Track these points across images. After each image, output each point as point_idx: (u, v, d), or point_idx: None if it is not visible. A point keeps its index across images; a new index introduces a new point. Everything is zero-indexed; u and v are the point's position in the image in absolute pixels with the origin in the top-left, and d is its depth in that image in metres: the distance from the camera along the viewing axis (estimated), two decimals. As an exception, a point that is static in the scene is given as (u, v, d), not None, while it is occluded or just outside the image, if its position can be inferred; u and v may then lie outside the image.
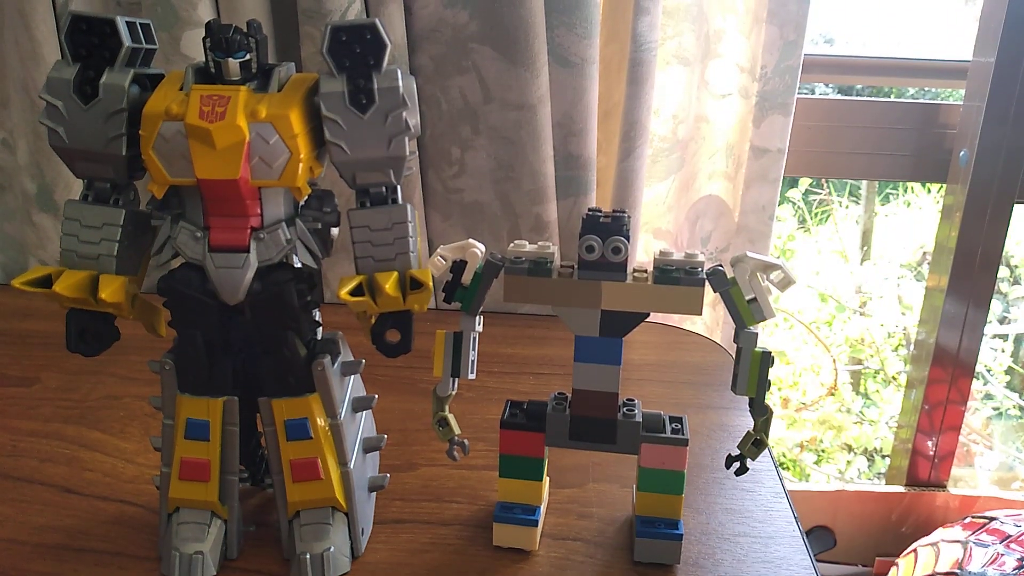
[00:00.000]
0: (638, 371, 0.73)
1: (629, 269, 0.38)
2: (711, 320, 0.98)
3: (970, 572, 0.95)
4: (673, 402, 0.68)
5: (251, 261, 0.40)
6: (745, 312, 0.37)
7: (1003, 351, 1.78)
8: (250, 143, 0.37)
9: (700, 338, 0.81)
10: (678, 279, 0.37)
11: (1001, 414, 1.75)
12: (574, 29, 0.74)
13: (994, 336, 1.78)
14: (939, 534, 1.05)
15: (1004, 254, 1.10)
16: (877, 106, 1.05)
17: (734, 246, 0.93)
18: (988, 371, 1.75)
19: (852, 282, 1.88)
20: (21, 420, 0.63)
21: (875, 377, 1.83)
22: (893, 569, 1.08)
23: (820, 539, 1.21)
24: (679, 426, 0.41)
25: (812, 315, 1.88)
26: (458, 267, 0.40)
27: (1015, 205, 1.03)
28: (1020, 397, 1.76)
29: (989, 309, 1.09)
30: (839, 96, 1.46)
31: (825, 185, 1.93)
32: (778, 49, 0.84)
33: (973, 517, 1.05)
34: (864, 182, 1.92)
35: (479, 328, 0.41)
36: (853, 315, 1.86)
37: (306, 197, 0.40)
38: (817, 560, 0.48)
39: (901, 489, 1.20)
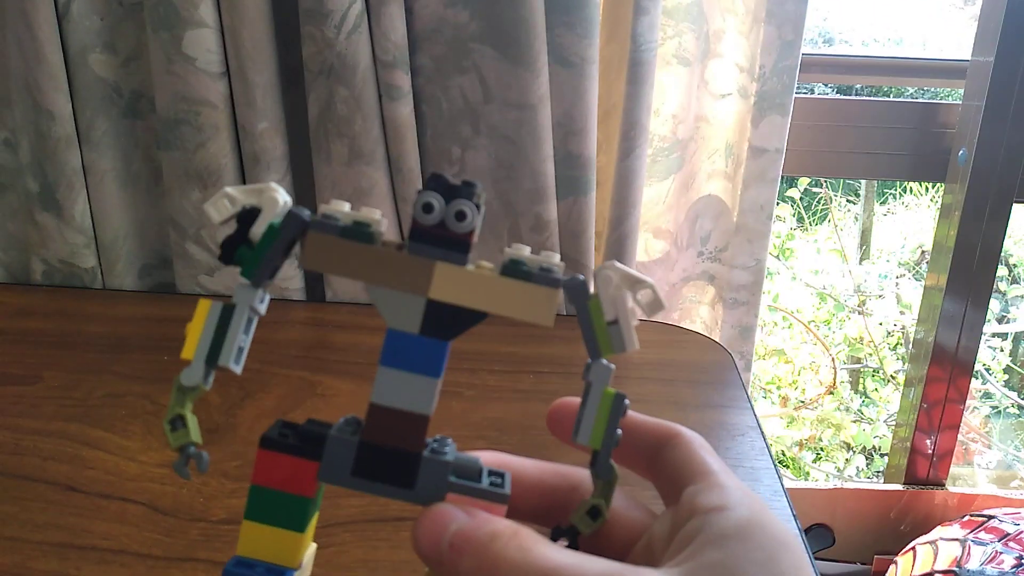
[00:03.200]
0: (637, 370, 0.73)
1: (472, 255, 0.29)
2: (710, 319, 0.98)
3: (968, 570, 0.96)
4: (672, 400, 0.68)
5: None
6: (602, 337, 0.29)
7: (1002, 350, 1.78)
8: None
9: (700, 337, 0.81)
10: (530, 274, 0.29)
11: (1000, 413, 1.75)
12: (574, 29, 0.74)
13: (993, 335, 1.78)
14: (938, 532, 1.05)
15: (1003, 253, 1.10)
16: (876, 105, 1.06)
17: (733, 245, 0.93)
18: (987, 370, 1.75)
19: (851, 281, 1.88)
20: (23, 418, 0.63)
21: (874, 376, 1.83)
22: (892, 567, 1.08)
23: (819, 537, 1.21)
24: (500, 481, 0.29)
25: (811, 314, 1.89)
26: (247, 216, 0.29)
27: (1014, 204, 1.03)
28: (1019, 396, 1.77)
29: (988, 308, 1.09)
30: (838, 96, 1.46)
31: (824, 184, 1.94)
32: (776, 49, 0.85)
33: (972, 515, 1.05)
34: (863, 181, 1.92)
35: (262, 306, 0.30)
36: (852, 314, 1.86)
37: None
38: (816, 558, 0.48)
39: (900, 487, 1.20)
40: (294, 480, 0.29)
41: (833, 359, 1.79)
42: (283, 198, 0.29)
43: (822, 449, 1.74)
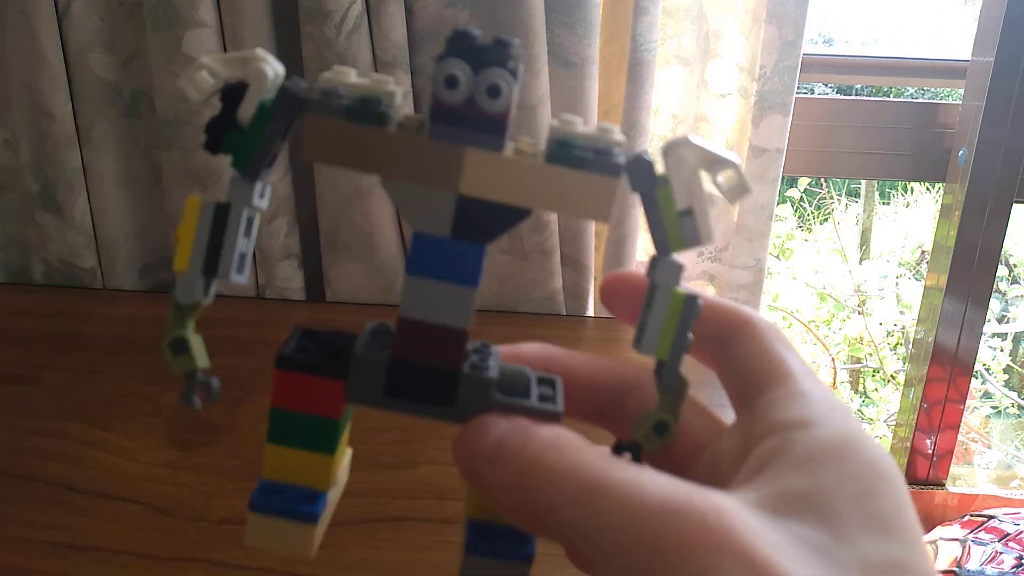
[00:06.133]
0: (638, 370, 0.73)
1: (509, 137, 0.24)
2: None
3: (968, 570, 0.96)
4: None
5: None
6: (672, 229, 0.24)
7: (1002, 350, 1.78)
8: None
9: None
10: (584, 160, 0.23)
11: (1000, 413, 1.75)
12: (574, 29, 0.74)
13: (993, 335, 1.78)
14: (937, 532, 1.05)
15: (1003, 253, 1.10)
16: (876, 105, 1.06)
17: (733, 245, 0.93)
18: (987, 370, 1.75)
19: (851, 281, 1.88)
20: (24, 418, 0.63)
21: (874, 376, 1.83)
22: (892, 567, 1.08)
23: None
24: (551, 391, 0.26)
25: (811, 314, 1.89)
26: (232, 93, 0.24)
27: (1013, 204, 1.03)
28: (1019, 396, 1.77)
29: (988, 308, 1.09)
30: (838, 96, 1.46)
31: (824, 184, 1.94)
32: (777, 49, 0.85)
33: (971, 515, 1.05)
34: (863, 181, 1.92)
35: (262, 202, 0.25)
36: (852, 314, 1.86)
37: None
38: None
39: (900, 487, 1.20)
40: (319, 402, 0.26)
41: (833, 359, 1.79)
42: (273, 69, 0.24)
43: (822, 449, 1.74)
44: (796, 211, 2.00)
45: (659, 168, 0.24)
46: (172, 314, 0.25)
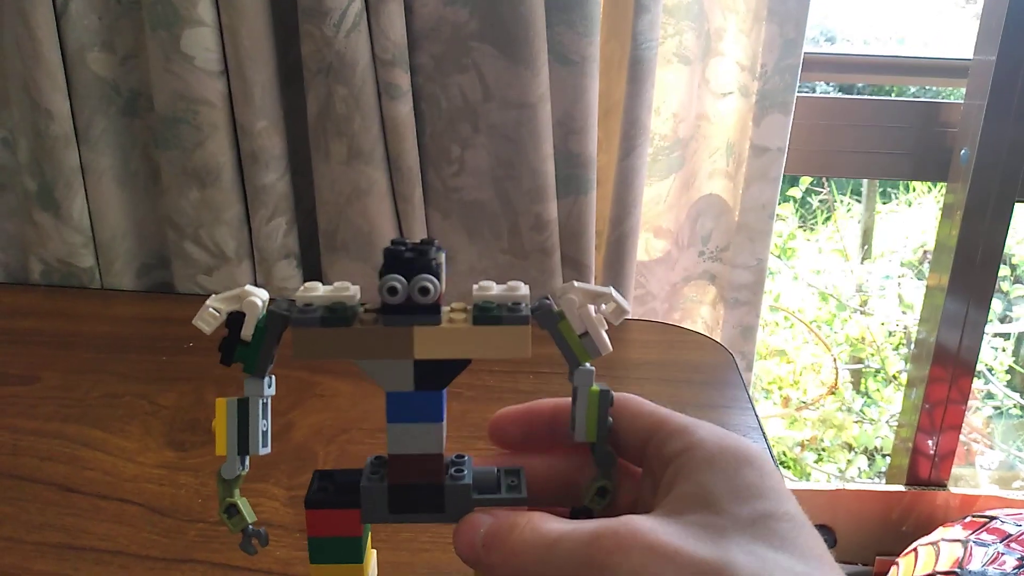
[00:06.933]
0: (637, 370, 0.73)
1: (445, 309, 0.32)
2: (712, 319, 0.97)
3: (970, 571, 0.95)
4: (673, 401, 0.67)
5: None
6: (578, 348, 0.33)
7: (1004, 350, 1.78)
8: None
9: (701, 337, 0.81)
10: (500, 318, 0.32)
11: (1002, 413, 1.75)
12: (574, 27, 0.74)
13: (995, 335, 1.78)
14: (939, 533, 1.05)
15: (1005, 253, 1.09)
16: (878, 105, 1.05)
17: (735, 245, 0.93)
18: (989, 370, 1.75)
19: (853, 281, 1.88)
20: (21, 419, 0.63)
21: (876, 376, 1.83)
22: (893, 568, 1.08)
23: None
24: (516, 480, 0.34)
25: (813, 314, 1.88)
26: (235, 319, 0.32)
27: (1016, 204, 1.03)
28: (1021, 396, 1.76)
29: (990, 308, 1.09)
30: (839, 95, 1.46)
31: (826, 184, 1.93)
32: (778, 47, 0.84)
33: (973, 516, 1.05)
34: (865, 180, 1.91)
35: (271, 391, 0.34)
36: (854, 314, 1.86)
37: None
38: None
39: (901, 488, 1.20)
40: (342, 527, 0.34)
41: (835, 359, 1.78)
42: (260, 299, 0.32)
43: (824, 450, 1.74)
44: (797, 211, 2.00)
45: (557, 307, 0.33)
46: (220, 487, 0.34)
